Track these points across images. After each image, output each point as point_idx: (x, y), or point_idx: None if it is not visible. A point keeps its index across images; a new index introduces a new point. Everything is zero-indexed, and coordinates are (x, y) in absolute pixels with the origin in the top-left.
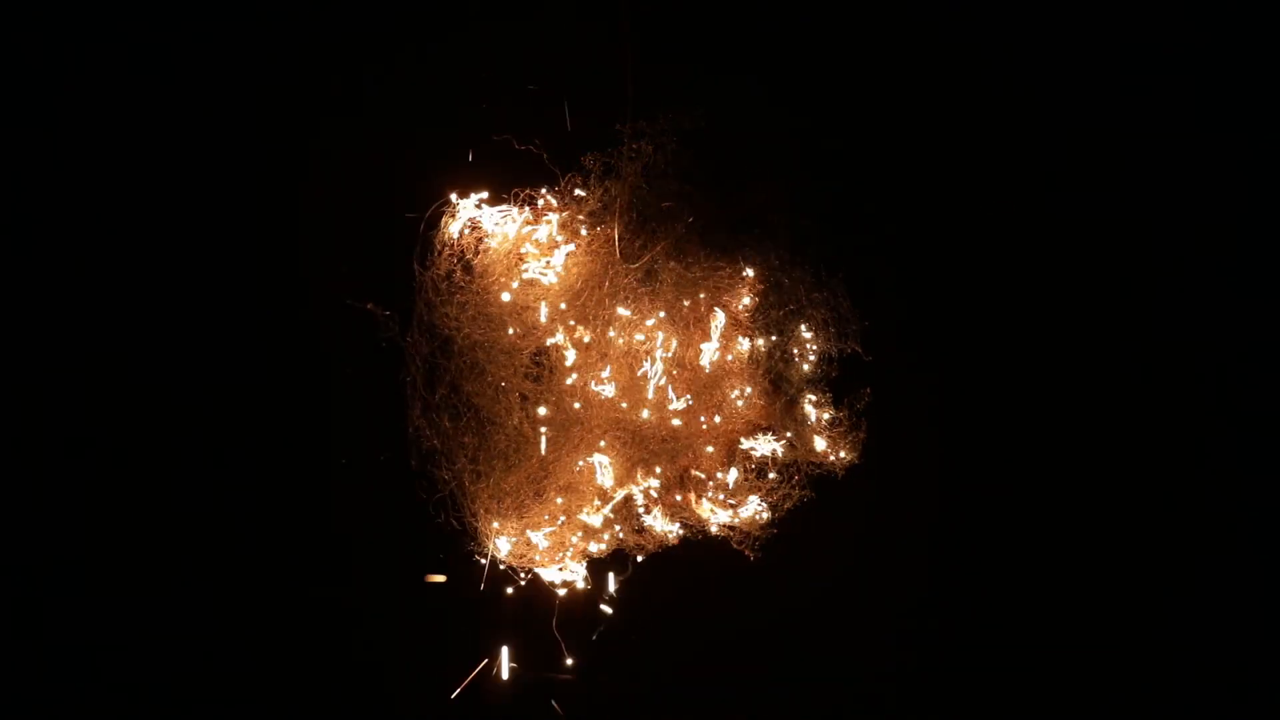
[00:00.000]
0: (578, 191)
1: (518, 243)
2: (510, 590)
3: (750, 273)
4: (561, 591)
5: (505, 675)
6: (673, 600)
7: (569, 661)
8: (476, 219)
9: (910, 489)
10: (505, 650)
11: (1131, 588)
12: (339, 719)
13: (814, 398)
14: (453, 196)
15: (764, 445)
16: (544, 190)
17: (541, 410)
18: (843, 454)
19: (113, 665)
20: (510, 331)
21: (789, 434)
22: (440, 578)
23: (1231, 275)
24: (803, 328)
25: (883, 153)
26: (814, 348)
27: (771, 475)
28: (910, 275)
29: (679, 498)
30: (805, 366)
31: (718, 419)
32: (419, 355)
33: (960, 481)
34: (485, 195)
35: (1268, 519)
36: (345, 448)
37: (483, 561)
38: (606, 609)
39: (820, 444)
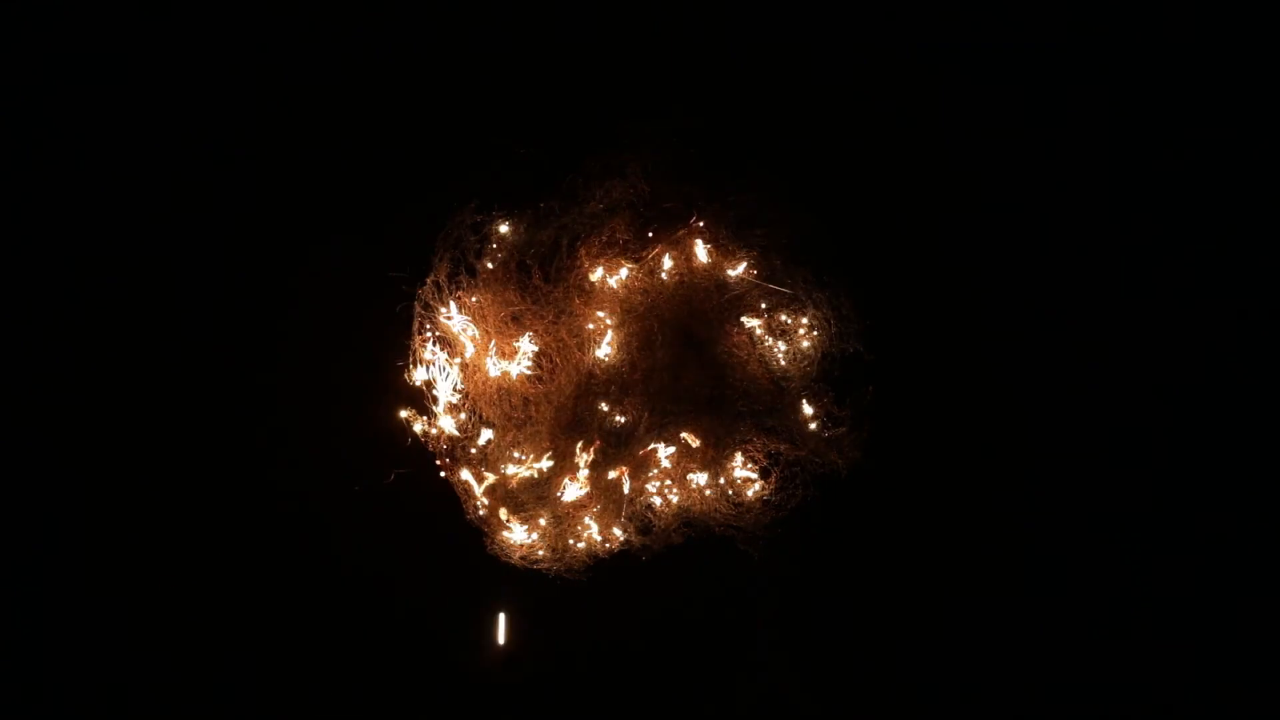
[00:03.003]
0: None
1: (520, 245)
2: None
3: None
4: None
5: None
6: (676, 600)
7: None
8: (480, 222)
9: (913, 488)
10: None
11: (1131, 586)
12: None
13: (816, 397)
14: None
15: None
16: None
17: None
18: (845, 453)
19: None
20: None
21: (792, 433)
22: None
23: (1231, 275)
24: (804, 327)
25: (884, 153)
26: (816, 347)
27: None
28: (912, 275)
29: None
30: (808, 366)
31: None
32: (426, 361)
33: (962, 480)
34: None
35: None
36: (347, 451)
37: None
38: None
39: (823, 444)
